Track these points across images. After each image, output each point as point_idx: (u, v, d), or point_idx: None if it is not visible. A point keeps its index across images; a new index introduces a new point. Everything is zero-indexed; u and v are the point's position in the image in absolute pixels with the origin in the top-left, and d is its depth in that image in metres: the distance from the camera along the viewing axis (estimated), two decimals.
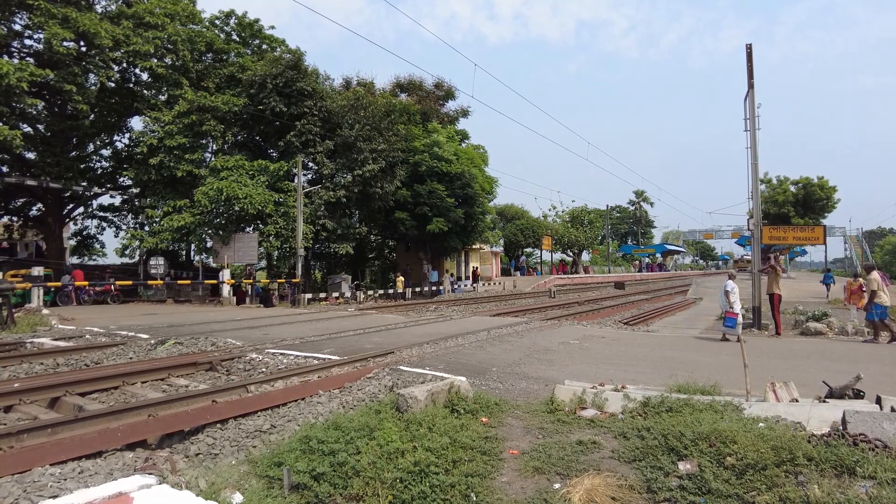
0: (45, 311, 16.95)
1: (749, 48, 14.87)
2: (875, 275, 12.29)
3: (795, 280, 43.55)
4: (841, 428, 4.55)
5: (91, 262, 33.95)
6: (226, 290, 24.23)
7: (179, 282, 25.89)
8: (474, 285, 37.93)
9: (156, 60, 24.97)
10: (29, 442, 4.87)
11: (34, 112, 23.34)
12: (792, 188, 58.59)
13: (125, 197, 30.24)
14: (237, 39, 30.83)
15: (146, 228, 28.60)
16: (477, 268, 42.28)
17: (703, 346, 11.48)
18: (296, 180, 25.49)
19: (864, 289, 12.58)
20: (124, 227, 31.09)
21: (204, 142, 27.32)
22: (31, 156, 25.66)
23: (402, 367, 8.12)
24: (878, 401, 5.35)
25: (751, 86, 14.87)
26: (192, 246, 29.99)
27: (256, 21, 30.72)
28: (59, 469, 4.29)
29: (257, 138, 28.59)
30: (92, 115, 24.83)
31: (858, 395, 5.77)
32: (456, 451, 4.54)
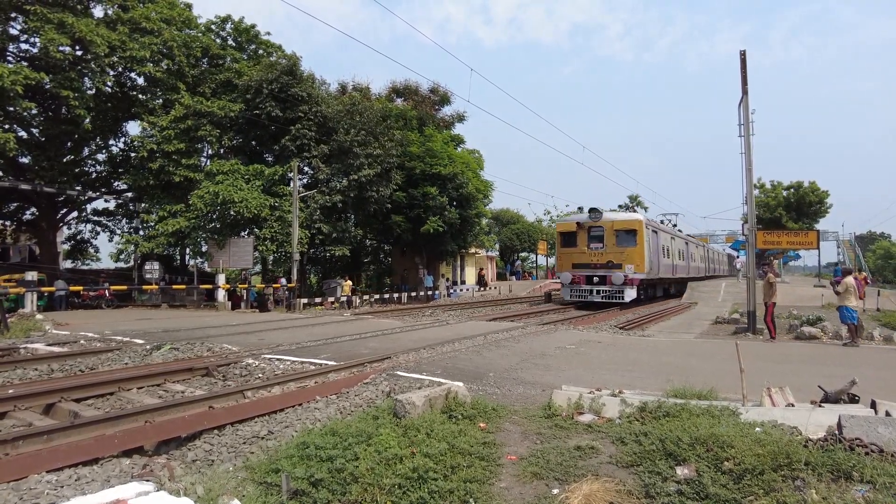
0: (39, 317, 16.83)
1: (743, 55, 15.00)
2: (851, 279, 12.69)
3: (790, 284, 43.80)
4: (837, 432, 4.58)
5: (85, 267, 33.78)
6: (221, 294, 24.14)
7: (174, 286, 25.78)
8: (481, 288, 37.69)
9: (152, 65, 24.94)
10: (24, 449, 4.83)
11: (28, 116, 23.26)
12: (784, 192, 59.04)
13: (120, 201, 30.13)
14: (233, 44, 30.81)
15: (141, 233, 28.49)
16: (483, 269, 42.02)
17: (698, 350, 11.51)
18: (291, 185, 25.46)
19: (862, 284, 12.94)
20: (119, 231, 30.98)
21: (200, 146, 27.29)
22: (25, 160, 25.55)
23: (399, 373, 8.12)
24: (873, 405, 5.39)
25: (745, 92, 14.99)
26: (188, 250, 29.89)
27: (252, 26, 30.73)
28: (55, 476, 4.27)
29: (253, 143, 28.55)
30: (88, 120, 24.78)
31: (853, 399, 5.81)
32: (454, 456, 4.54)
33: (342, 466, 4.29)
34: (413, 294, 32.16)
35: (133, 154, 27.75)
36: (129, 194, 29.05)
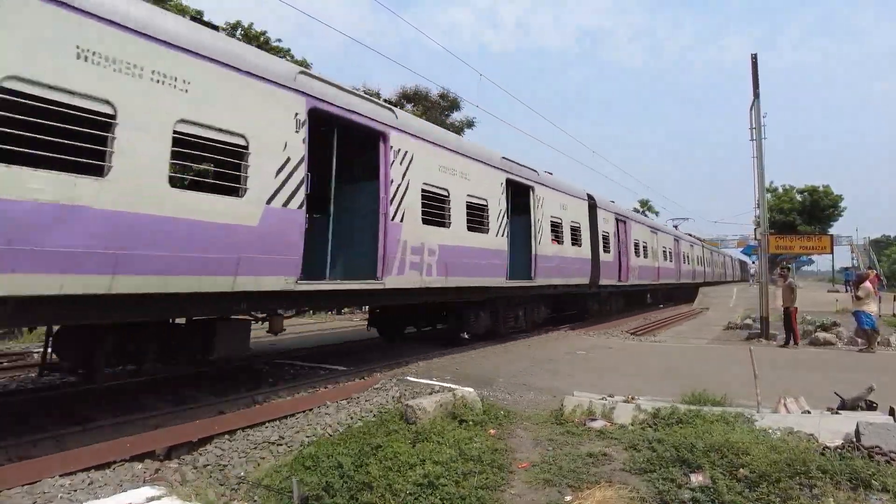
0: None
1: (754, 58, 14.91)
2: (869, 284, 12.52)
3: (802, 289, 43.25)
4: (854, 440, 4.51)
5: None
6: None
7: None
8: None
9: None
10: (38, 452, 4.87)
11: None
12: (798, 196, 58.53)
13: None
14: None
15: None
16: None
17: (710, 356, 11.40)
18: None
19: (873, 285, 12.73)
20: None
21: None
22: None
23: (409, 378, 8.09)
24: (892, 412, 5.30)
25: (756, 95, 14.89)
26: None
27: (263, 33, 30.93)
28: (68, 480, 4.29)
29: None
30: None
31: (871, 406, 5.72)
32: (465, 463, 4.51)
33: (353, 472, 4.28)
34: None
35: None
36: None
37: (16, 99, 4.36)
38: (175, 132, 5.47)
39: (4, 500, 3.86)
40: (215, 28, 6.55)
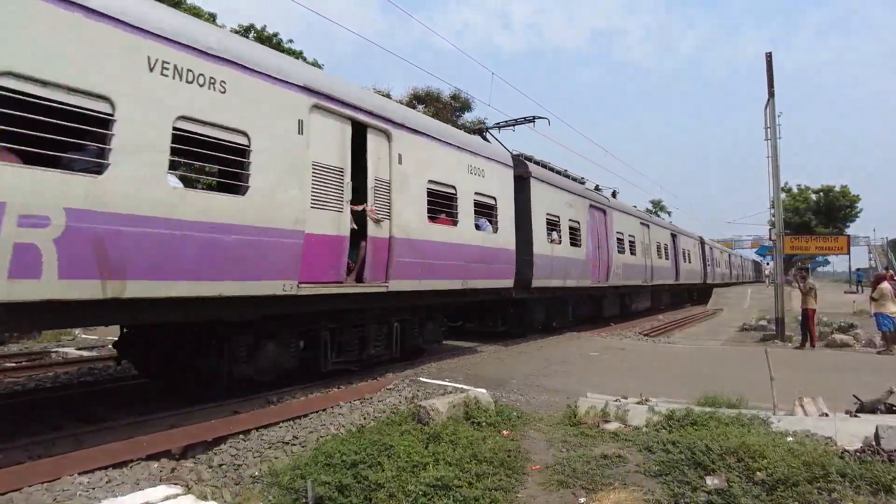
0: None
1: (769, 57, 14.76)
2: (887, 285, 12.27)
3: (818, 290, 42.22)
4: (874, 444, 4.45)
5: None
6: None
7: None
8: None
9: None
10: (57, 450, 4.94)
11: None
12: (813, 196, 57.82)
13: None
14: None
15: None
16: None
17: (725, 357, 11.30)
18: None
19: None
20: None
21: None
22: None
23: (421, 379, 8.10)
24: None
25: (771, 94, 14.74)
26: None
27: (276, 34, 31.12)
28: (87, 478, 4.34)
29: None
30: None
31: (891, 409, 5.63)
32: (478, 464, 4.51)
33: (366, 473, 4.29)
34: None
35: None
36: None
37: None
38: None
39: (26, 496, 3.92)
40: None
